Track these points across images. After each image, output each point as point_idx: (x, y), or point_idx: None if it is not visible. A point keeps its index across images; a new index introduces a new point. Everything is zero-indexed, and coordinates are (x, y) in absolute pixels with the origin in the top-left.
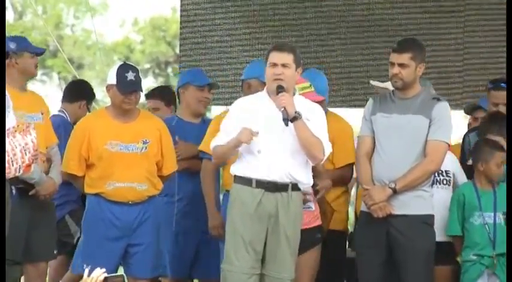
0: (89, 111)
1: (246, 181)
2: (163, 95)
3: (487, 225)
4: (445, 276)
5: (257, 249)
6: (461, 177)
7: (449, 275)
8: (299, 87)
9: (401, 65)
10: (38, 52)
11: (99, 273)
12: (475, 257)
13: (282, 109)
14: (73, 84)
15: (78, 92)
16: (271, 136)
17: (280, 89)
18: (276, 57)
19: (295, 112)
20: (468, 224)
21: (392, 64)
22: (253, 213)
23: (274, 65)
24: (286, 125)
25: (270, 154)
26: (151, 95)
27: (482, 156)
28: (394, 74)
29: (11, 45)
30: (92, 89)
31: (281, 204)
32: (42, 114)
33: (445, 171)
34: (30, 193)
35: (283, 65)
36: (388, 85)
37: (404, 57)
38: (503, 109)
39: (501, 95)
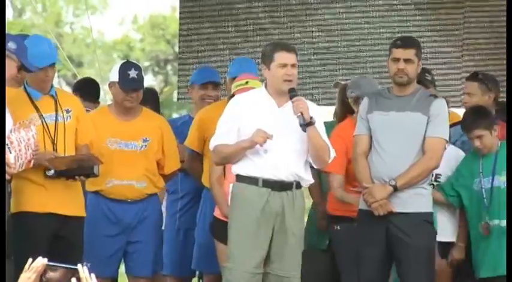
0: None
1: (252, 180)
2: (81, 88)
3: (484, 190)
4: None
5: (263, 248)
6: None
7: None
8: (234, 85)
9: (406, 61)
10: None
11: (39, 262)
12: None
13: (299, 114)
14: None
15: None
16: (275, 135)
17: (293, 92)
18: (286, 57)
19: (310, 117)
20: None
21: (397, 60)
22: (260, 212)
23: (285, 65)
24: (304, 130)
25: (276, 153)
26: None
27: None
28: (400, 69)
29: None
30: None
31: (287, 202)
32: None
33: (436, 174)
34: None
35: (293, 66)
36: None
37: (410, 53)
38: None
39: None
